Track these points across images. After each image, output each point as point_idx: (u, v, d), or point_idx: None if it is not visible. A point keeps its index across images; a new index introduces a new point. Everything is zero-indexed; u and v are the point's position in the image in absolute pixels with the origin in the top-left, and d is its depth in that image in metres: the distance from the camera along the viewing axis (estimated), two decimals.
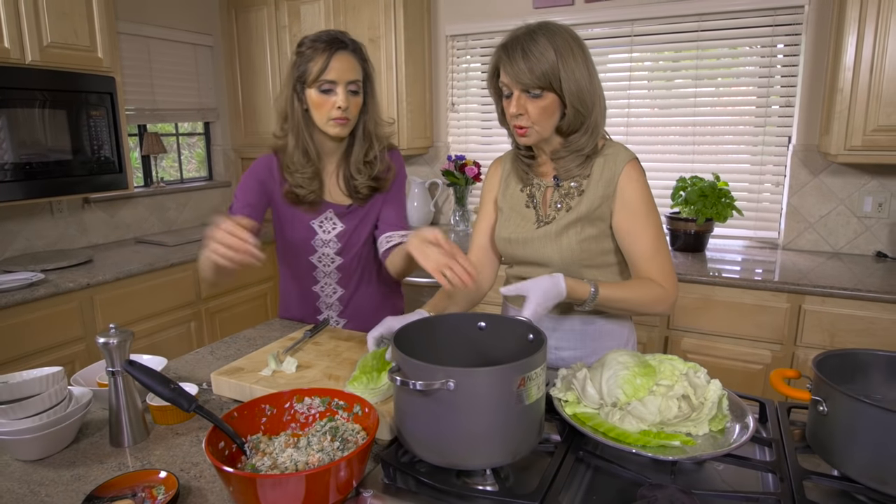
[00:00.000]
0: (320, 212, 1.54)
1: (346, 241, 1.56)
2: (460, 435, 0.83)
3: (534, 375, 0.84)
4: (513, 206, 1.37)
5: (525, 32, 1.19)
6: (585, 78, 1.20)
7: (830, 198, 2.62)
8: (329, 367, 1.22)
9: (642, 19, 2.83)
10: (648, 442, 0.88)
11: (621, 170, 1.25)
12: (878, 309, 2.05)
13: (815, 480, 0.86)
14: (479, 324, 1.06)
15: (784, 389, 0.95)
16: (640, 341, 2.42)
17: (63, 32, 2.38)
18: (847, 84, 2.21)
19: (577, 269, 1.28)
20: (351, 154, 1.51)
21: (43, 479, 0.96)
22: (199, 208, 3.61)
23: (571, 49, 1.18)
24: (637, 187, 1.24)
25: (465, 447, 0.84)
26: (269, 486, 0.78)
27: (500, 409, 0.83)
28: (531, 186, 1.35)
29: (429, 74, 3.35)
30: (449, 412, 0.82)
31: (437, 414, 0.83)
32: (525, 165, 1.36)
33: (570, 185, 1.29)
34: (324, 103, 1.39)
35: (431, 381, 0.80)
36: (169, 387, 0.90)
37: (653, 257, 1.24)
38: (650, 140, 2.96)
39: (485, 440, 0.83)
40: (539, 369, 0.85)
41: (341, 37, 1.40)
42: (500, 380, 0.82)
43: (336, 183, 1.54)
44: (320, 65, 1.36)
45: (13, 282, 2.16)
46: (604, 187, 1.25)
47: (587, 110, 1.23)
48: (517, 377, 0.82)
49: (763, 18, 2.63)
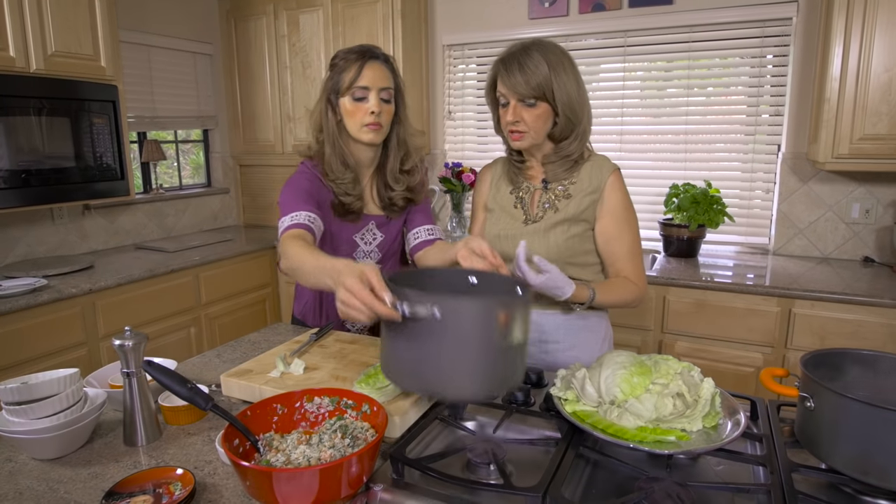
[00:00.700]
0: (362, 225, 1.56)
1: (386, 251, 1.61)
2: (443, 364, 0.88)
3: (517, 316, 0.89)
4: (503, 206, 1.48)
5: (521, 48, 1.32)
6: (575, 89, 1.33)
7: (819, 204, 2.69)
8: (336, 368, 1.26)
9: (635, 30, 2.90)
10: (645, 437, 0.93)
11: (607, 178, 1.39)
12: (865, 312, 2.11)
13: (803, 473, 0.90)
14: (471, 279, 1.11)
15: (773, 387, 0.99)
16: (634, 345, 2.48)
17: (67, 41, 2.42)
18: (834, 94, 2.28)
19: (562, 265, 1.35)
20: (386, 165, 1.54)
21: (61, 476, 0.99)
22: (197, 215, 3.64)
23: (562, 63, 1.32)
24: (620, 195, 1.40)
25: (446, 377, 0.88)
26: (285, 479, 0.81)
27: (483, 341, 0.87)
28: (520, 189, 1.47)
29: (426, 83, 3.40)
30: (434, 341, 0.87)
31: (423, 342, 0.88)
32: (516, 168, 1.47)
33: (557, 189, 1.42)
34: (357, 110, 1.43)
35: (419, 307, 0.85)
36: (186, 386, 0.93)
37: (631, 259, 1.42)
38: (643, 147, 3.02)
39: (466, 372, 0.88)
40: (522, 310, 0.90)
41: (373, 49, 1.46)
42: (484, 311, 0.87)
43: (371, 196, 1.57)
44: (353, 73, 1.42)
45: (17, 287, 2.18)
46: (591, 193, 1.39)
47: (577, 119, 1.36)
48: (501, 311, 0.87)
49: (752, 30, 2.70)
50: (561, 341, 1.45)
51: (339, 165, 1.47)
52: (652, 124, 2.98)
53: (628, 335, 2.50)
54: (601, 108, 3.07)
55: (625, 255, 1.41)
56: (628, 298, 1.39)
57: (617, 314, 2.50)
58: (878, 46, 2.18)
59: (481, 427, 1.10)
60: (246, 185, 3.90)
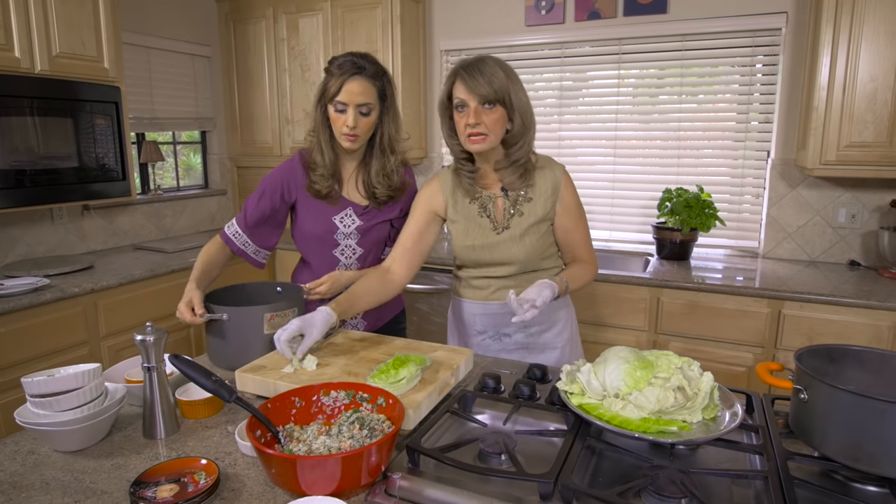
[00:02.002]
0: (340, 208, 1.68)
1: (365, 234, 1.71)
2: (233, 348, 1.43)
3: (283, 313, 1.45)
4: (468, 217, 1.57)
5: (476, 58, 1.45)
6: (525, 98, 1.47)
7: (807, 209, 2.77)
8: (347, 364, 1.30)
9: (629, 38, 2.96)
10: (648, 428, 0.98)
11: (560, 178, 1.55)
12: (852, 314, 2.18)
13: (797, 461, 0.96)
14: (277, 289, 1.65)
15: (769, 379, 1.05)
16: (628, 345, 2.53)
17: (71, 43, 2.44)
18: (822, 102, 2.35)
19: (537, 261, 1.57)
20: (371, 162, 1.66)
21: (84, 468, 1.02)
22: (195, 215, 3.66)
23: (513, 74, 1.45)
24: (573, 192, 1.58)
25: (235, 355, 1.42)
26: (310, 467, 0.85)
27: (254, 333, 1.42)
28: (480, 199, 1.56)
29: (424, 87, 3.45)
30: (228, 333, 1.43)
31: (224, 335, 1.43)
32: (469, 179, 1.54)
33: (518, 194, 1.54)
34: (337, 119, 1.57)
35: (213, 314, 1.41)
36: (211, 379, 0.97)
37: (585, 245, 1.62)
38: (636, 153, 3.09)
39: (245, 354, 1.41)
40: (286, 311, 1.46)
41: (360, 62, 1.54)
42: (254, 313, 1.42)
43: (355, 185, 1.70)
44: (335, 87, 1.54)
45: (19, 286, 2.19)
46: (550, 194, 1.54)
47: (528, 124, 1.48)
48: (267, 313, 1.42)
49: (743, 39, 2.78)
50: (542, 322, 1.61)
51: (320, 158, 1.64)
52: (645, 130, 3.05)
53: (623, 335, 2.56)
54: (596, 113, 3.14)
55: (581, 242, 1.60)
56: (587, 279, 1.58)
57: (612, 316, 2.56)
58: (864, 57, 2.26)
59: (491, 419, 1.15)
60: (243, 186, 3.92)
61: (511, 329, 1.60)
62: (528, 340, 1.62)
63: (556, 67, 3.18)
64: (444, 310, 2.93)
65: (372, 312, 1.77)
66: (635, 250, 3.07)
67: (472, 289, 1.63)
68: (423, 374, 1.23)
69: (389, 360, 1.21)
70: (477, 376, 1.35)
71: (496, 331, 1.62)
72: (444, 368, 1.27)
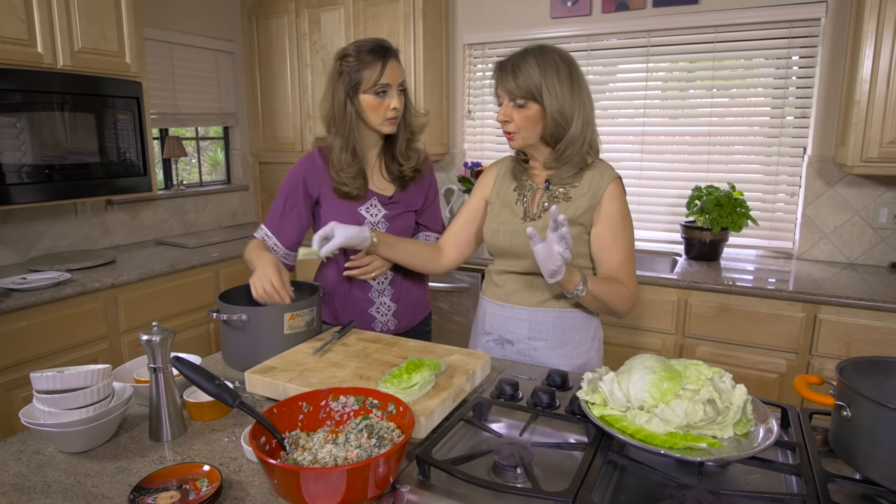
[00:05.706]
0: (366, 199, 1.66)
1: (393, 222, 1.68)
2: (250, 349, 1.38)
3: (301, 313, 1.42)
4: (504, 201, 1.52)
5: (519, 52, 1.38)
6: (567, 94, 1.35)
7: (846, 209, 2.64)
8: (359, 367, 1.26)
9: (658, 30, 2.86)
10: (675, 444, 0.91)
11: (606, 186, 1.41)
12: (893, 320, 2.06)
13: (838, 483, 0.88)
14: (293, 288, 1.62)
15: (808, 394, 0.97)
16: (653, 349, 2.45)
17: (93, 38, 2.44)
18: (864, 96, 2.23)
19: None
20: (395, 145, 1.66)
21: (88, 470, 0.99)
22: (217, 211, 3.67)
23: (558, 68, 1.35)
24: (618, 204, 1.41)
25: (251, 356, 1.36)
26: (313, 479, 0.81)
27: (273, 332, 1.39)
28: (523, 187, 1.50)
29: (446, 82, 3.40)
30: (245, 334, 1.38)
31: (242, 335, 1.38)
32: (522, 166, 1.53)
33: (558, 191, 1.45)
34: (379, 105, 1.54)
35: (231, 315, 1.37)
36: (214, 383, 0.93)
37: (624, 268, 1.40)
38: (665, 149, 2.99)
39: (262, 354, 1.37)
40: (304, 311, 1.43)
41: (386, 44, 1.56)
42: (273, 313, 1.39)
43: (380, 172, 1.69)
44: (376, 72, 1.51)
45: (42, 280, 2.21)
46: (589, 199, 1.41)
47: (567, 123, 1.37)
48: (287, 313, 1.40)
49: (779, 31, 2.66)
50: (549, 339, 1.47)
51: (348, 157, 1.58)
52: (674, 125, 2.95)
53: (647, 338, 2.48)
54: (622, 108, 3.04)
55: (618, 263, 1.40)
56: (616, 297, 1.37)
57: (637, 318, 2.48)
58: None
59: (507, 429, 1.09)
60: (265, 182, 3.92)
61: (514, 337, 1.52)
62: (531, 354, 1.50)
63: (582, 61, 3.08)
64: (466, 309, 2.88)
65: (405, 312, 1.74)
66: (663, 250, 2.98)
67: (492, 286, 1.57)
68: (438, 379, 1.18)
69: (402, 365, 1.16)
70: (494, 381, 1.30)
71: (500, 335, 1.54)
72: (459, 373, 1.22)
